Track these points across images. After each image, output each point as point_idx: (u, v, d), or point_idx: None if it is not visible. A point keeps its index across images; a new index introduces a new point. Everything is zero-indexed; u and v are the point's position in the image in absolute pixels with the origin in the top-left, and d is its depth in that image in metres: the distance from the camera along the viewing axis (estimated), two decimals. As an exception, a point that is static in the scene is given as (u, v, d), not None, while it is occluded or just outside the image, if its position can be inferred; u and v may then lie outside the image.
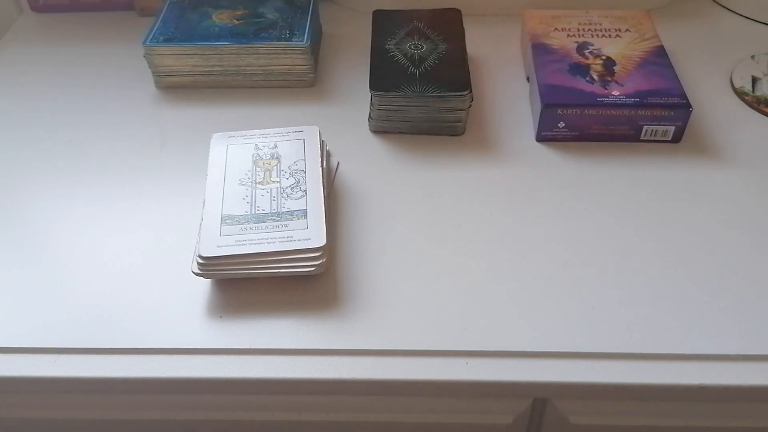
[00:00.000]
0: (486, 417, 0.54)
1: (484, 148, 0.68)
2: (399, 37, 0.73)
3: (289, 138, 0.63)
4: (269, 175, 0.59)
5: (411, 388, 0.50)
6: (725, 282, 0.55)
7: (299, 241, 0.53)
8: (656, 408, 0.54)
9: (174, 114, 0.73)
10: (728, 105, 0.72)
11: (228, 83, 0.76)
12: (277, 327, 0.53)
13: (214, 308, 0.54)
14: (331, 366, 0.50)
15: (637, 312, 0.53)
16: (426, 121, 0.68)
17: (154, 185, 0.65)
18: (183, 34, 0.74)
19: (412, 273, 0.56)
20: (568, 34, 0.74)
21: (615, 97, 0.66)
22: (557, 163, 0.66)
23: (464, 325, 0.52)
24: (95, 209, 0.62)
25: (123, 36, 0.84)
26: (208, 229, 0.55)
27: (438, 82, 0.67)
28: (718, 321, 0.52)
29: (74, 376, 0.51)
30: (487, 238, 0.59)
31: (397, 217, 0.61)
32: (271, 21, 0.76)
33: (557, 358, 0.50)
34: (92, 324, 0.53)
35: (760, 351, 0.50)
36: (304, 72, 0.75)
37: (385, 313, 0.53)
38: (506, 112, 0.72)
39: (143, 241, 0.59)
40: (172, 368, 0.51)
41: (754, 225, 0.59)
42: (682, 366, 0.50)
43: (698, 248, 0.57)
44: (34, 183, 0.65)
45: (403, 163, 0.66)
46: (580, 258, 0.57)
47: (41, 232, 0.61)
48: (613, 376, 0.49)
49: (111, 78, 0.78)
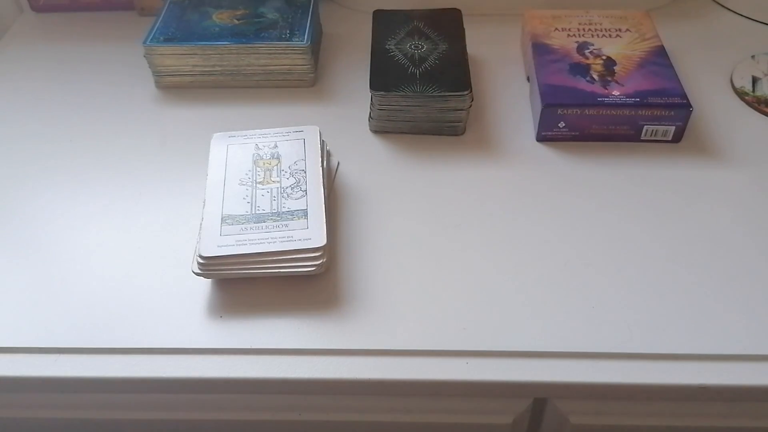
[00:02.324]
0: (486, 417, 0.55)
1: (484, 147, 0.68)
2: (399, 36, 0.73)
3: (290, 138, 0.63)
4: (269, 175, 0.59)
5: (411, 388, 0.50)
6: (726, 282, 0.55)
7: (299, 241, 0.53)
8: (656, 408, 0.54)
9: (174, 114, 0.73)
10: (728, 105, 0.72)
11: (228, 83, 0.76)
12: (277, 327, 0.53)
13: (214, 308, 0.54)
14: (332, 366, 0.50)
15: (637, 312, 0.53)
16: (426, 121, 0.68)
17: (155, 185, 0.65)
18: (183, 33, 0.74)
19: (413, 273, 0.56)
20: (569, 34, 0.74)
21: (615, 97, 0.66)
22: (557, 162, 0.66)
23: (464, 325, 0.52)
24: (96, 208, 0.62)
25: (123, 36, 0.84)
26: (209, 228, 0.55)
27: (438, 81, 0.67)
28: (718, 321, 0.52)
29: (74, 376, 0.51)
30: (487, 238, 0.59)
31: (398, 217, 0.61)
32: (271, 21, 0.76)
33: (557, 358, 0.50)
34: (92, 324, 0.53)
35: (761, 351, 0.50)
36: (305, 72, 0.75)
37: (386, 313, 0.53)
38: (506, 111, 0.72)
39: (143, 241, 0.59)
40: (173, 368, 0.51)
41: (754, 225, 0.59)
42: (682, 366, 0.50)
43: (699, 248, 0.57)
44: (35, 182, 0.65)
45: (403, 163, 0.66)
46: (581, 258, 0.57)
47: (42, 232, 0.61)
48: (613, 375, 0.49)
49: (111, 78, 0.78)
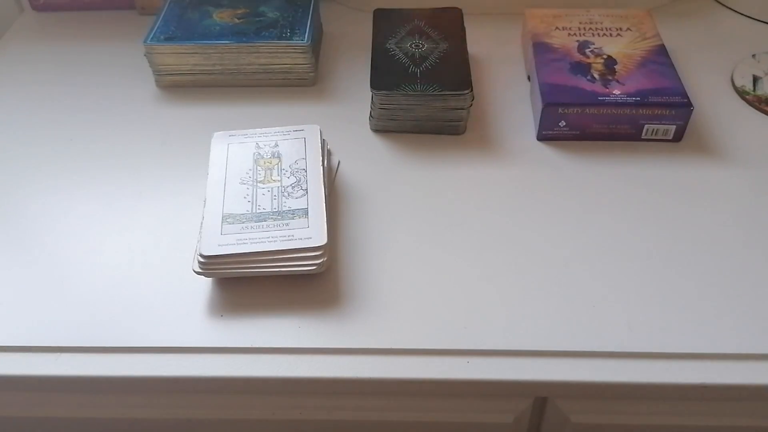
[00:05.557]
0: (487, 416, 0.55)
1: (484, 147, 0.68)
2: (400, 36, 0.73)
3: (290, 137, 0.63)
4: (270, 174, 0.59)
5: (412, 387, 0.50)
6: (726, 281, 0.55)
7: (300, 240, 0.53)
8: (657, 407, 0.54)
9: (175, 113, 0.73)
10: (729, 104, 0.72)
11: (229, 82, 0.76)
12: (278, 326, 0.53)
13: (215, 307, 0.54)
14: (332, 365, 0.50)
15: (637, 311, 0.53)
16: (427, 120, 0.68)
17: (155, 184, 0.65)
18: (184, 32, 0.74)
19: (413, 271, 0.56)
20: (569, 33, 0.74)
21: (616, 96, 0.66)
22: (558, 162, 0.66)
23: (465, 324, 0.52)
24: (96, 208, 0.62)
25: (124, 35, 0.84)
26: (209, 227, 0.55)
27: (439, 81, 0.67)
28: (718, 320, 0.52)
29: (75, 374, 0.51)
30: (487, 237, 0.59)
31: (398, 216, 0.61)
32: (271, 20, 0.76)
33: (558, 357, 0.50)
34: (93, 323, 0.53)
35: (761, 350, 0.50)
36: (305, 71, 0.75)
37: (386, 312, 0.53)
38: (507, 111, 0.72)
39: (144, 240, 0.59)
40: (173, 367, 0.51)
41: (754, 224, 0.59)
42: (682, 365, 0.50)
43: (699, 247, 0.58)
44: (35, 181, 0.65)
45: (404, 162, 0.66)
46: (581, 257, 0.57)
47: (42, 231, 0.61)
48: (613, 375, 0.49)
49: (112, 77, 0.78)
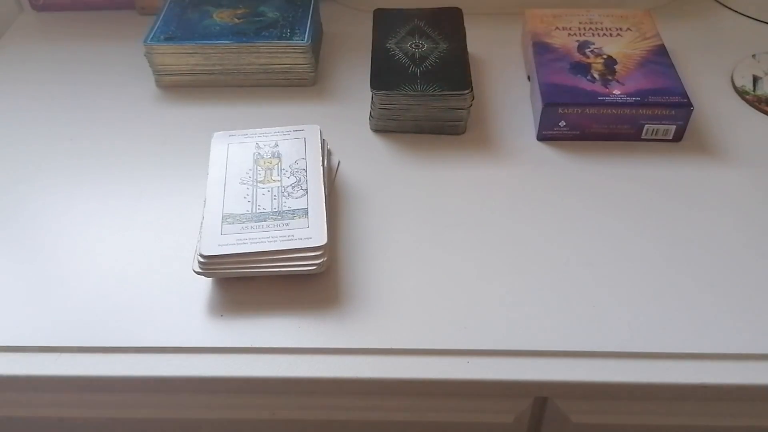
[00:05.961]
0: (487, 416, 0.55)
1: (485, 147, 0.68)
2: (400, 35, 0.73)
3: (290, 137, 0.63)
4: (270, 174, 0.59)
5: (412, 387, 0.50)
6: (726, 281, 0.55)
7: (300, 240, 0.53)
8: (657, 407, 0.54)
9: (175, 113, 0.73)
10: (729, 104, 0.72)
11: (229, 82, 0.76)
12: (277, 326, 0.53)
13: (215, 307, 0.54)
14: (332, 365, 0.50)
15: (637, 311, 0.53)
16: (427, 120, 0.68)
17: (155, 184, 0.65)
18: (184, 32, 0.74)
19: (413, 271, 0.56)
20: (569, 33, 0.74)
21: (616, 96, 0.66)
22: (558, 162, 0.66)
23: (465, 324, 0.52)
24: (96, 207, 0.62)
25: (123, 35, 0.84)
26: (209, 227, 0.55)
27: (439, 81, 0.67)
28: (718, 320, 0.52)
29: (75, 374, 0.51)
30: (487, 237, 0.59)
31: (398, 216, 0.61)
32: (271, 20, 0.76)
33: (558, 357, 0.50)
34: (93, 323, 0.53)
35: (761, 350, 0.50)
36: (305, 71, 0.75)
37: (386, 312, 0.53)
38: (507, 111, 0.72)
39: (144, 240, 0.59)
40: (173, 367, 0.51)
41: (754, 224, 0.59)
42: (683, 365, 0.50)
43: (699, 247, 0.58)
44: (35, 181, 0.65)
45: (404, 162, 0.66)
46: (581, 257, 0.57)
47: (42, 230, 0.61)
48: (613, 375, 0.49)
49: (111, 77, 0.78)
